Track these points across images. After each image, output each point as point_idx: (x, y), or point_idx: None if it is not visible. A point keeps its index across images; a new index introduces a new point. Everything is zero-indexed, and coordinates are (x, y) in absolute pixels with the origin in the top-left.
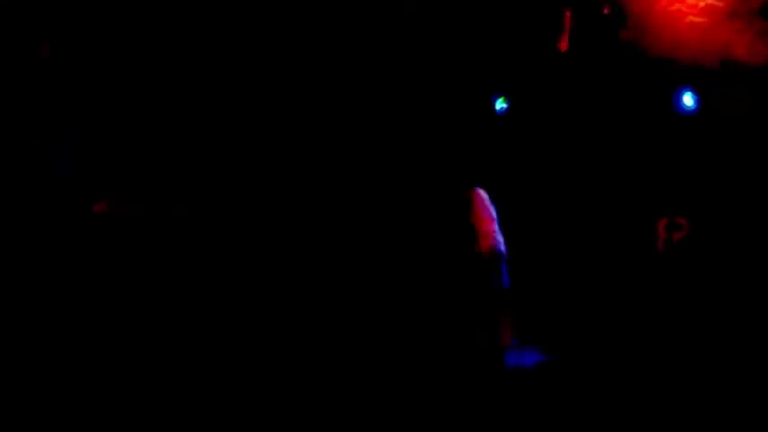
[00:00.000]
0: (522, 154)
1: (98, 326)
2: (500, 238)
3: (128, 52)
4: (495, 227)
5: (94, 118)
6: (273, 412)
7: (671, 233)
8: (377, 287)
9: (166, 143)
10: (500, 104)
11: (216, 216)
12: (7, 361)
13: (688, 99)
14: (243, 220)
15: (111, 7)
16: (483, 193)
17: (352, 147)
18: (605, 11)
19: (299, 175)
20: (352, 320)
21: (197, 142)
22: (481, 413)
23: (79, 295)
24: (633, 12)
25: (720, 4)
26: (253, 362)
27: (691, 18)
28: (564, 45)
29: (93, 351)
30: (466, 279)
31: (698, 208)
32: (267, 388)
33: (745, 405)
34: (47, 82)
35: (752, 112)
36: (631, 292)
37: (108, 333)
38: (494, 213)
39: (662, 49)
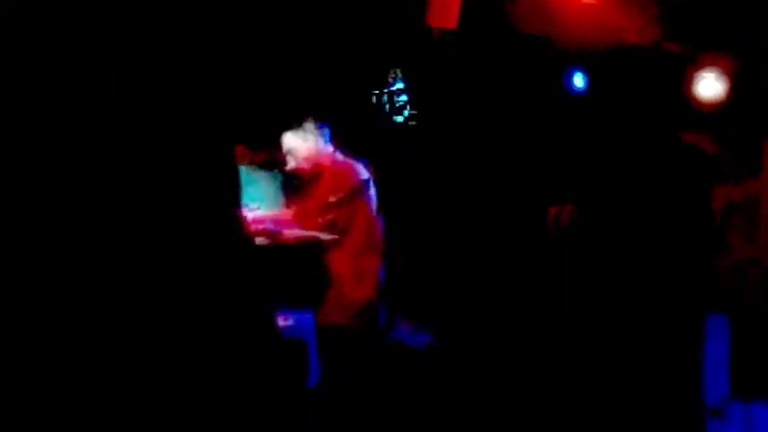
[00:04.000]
0: (411, 138)
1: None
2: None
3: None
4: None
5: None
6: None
7: (561, 217)
8: None
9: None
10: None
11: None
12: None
13: (579, 80)
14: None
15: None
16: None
17: None
18: None
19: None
20: None
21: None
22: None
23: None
24: None
25: None
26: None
27: (583, 0)
28: (453, 23)
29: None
30: None
31: (588, 191)
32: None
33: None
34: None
35: (640, 94)
36: (524, 277)
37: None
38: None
39: (553, 30)
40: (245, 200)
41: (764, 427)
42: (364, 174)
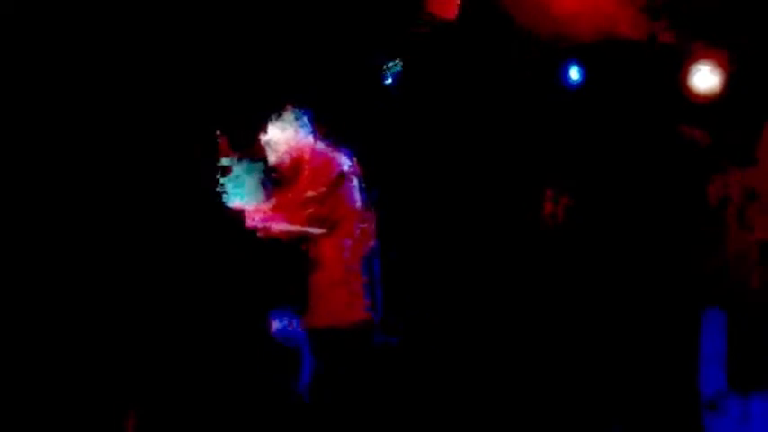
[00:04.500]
0: (407, 128)
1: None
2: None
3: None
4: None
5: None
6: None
7: (557, 207)
8: None
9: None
10: (389, 75)
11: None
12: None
13: (574, 73)
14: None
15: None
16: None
17: None
18: None
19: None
20: None
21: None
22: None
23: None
24: None
25: None
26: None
27: None
28: (453, 13)
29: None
30: None
31: (583, 184)
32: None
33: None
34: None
35: (635, 87)
36: (519, 270)
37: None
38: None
39: (547, 22)
40: (227, 194)
41: (761, 419)
42: (345, 164)
